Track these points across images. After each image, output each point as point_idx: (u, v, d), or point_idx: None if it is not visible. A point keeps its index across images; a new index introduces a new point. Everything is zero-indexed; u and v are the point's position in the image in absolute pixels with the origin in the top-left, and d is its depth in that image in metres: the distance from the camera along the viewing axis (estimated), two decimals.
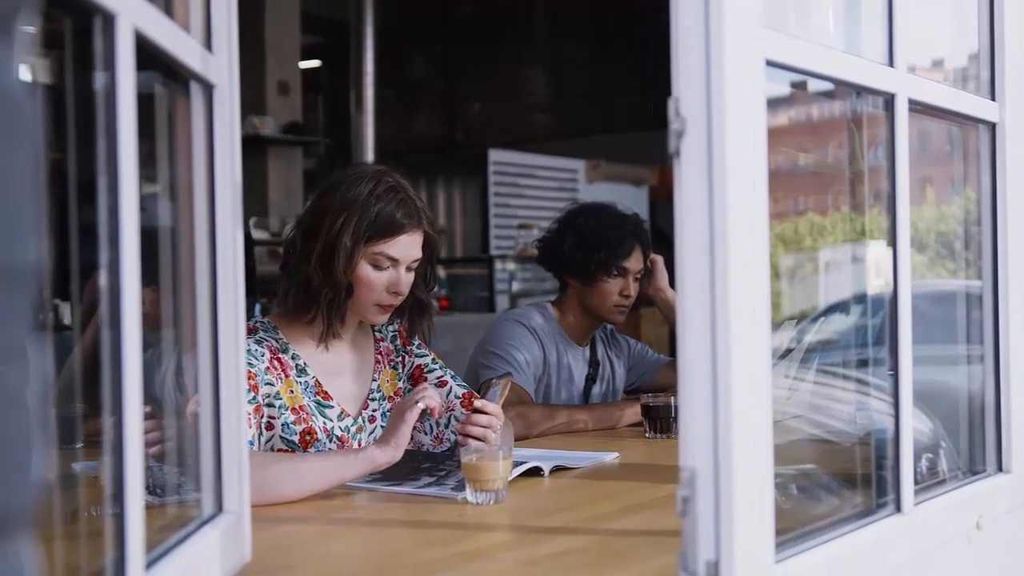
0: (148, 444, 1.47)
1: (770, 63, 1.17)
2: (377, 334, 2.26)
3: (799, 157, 1.69)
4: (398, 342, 2.27)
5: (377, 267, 2.06)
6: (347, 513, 1.78)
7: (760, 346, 1.14)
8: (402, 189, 2.07)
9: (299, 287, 2.06)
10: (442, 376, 2.25)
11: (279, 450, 2.02)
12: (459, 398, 2.22)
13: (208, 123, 1.28)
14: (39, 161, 0.55)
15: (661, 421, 2.54)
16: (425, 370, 2.25)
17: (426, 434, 2.22)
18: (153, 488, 1.26)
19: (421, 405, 1.88)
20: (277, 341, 2.09)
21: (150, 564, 1.03)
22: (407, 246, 2.07)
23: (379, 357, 2.23)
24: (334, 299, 2.05)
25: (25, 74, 0.54)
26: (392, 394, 2.22)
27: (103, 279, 0.94)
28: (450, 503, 1.78)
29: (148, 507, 1.00)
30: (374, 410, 2.18)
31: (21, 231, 0.52)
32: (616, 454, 2.26)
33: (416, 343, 2.29)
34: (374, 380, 2.20)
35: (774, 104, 1.19)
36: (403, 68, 9.18)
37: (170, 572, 1.06)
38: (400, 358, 2.26)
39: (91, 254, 0.96)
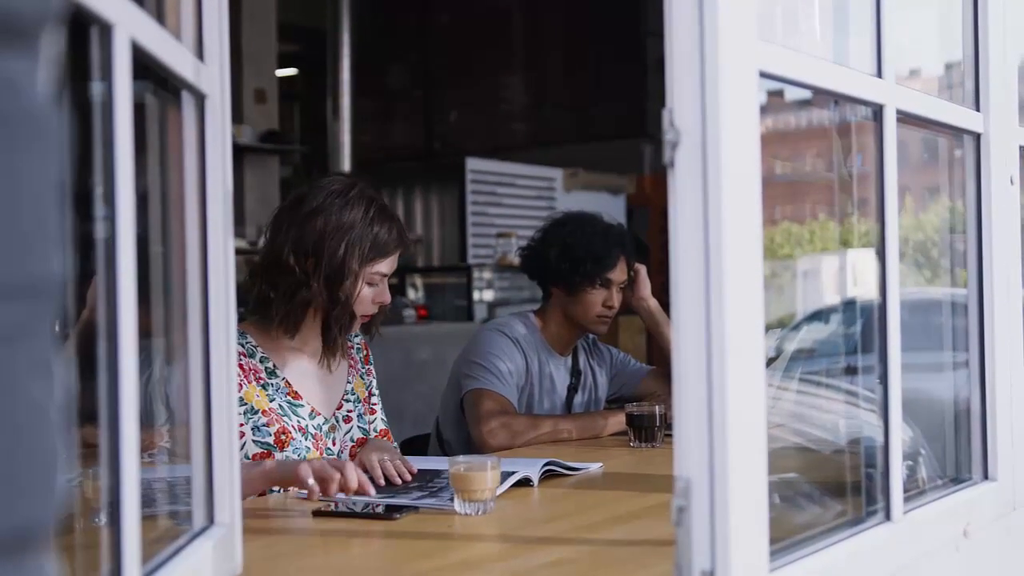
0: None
1: (764, 74, 1.17)
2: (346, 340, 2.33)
3: (776, 166, 1.70)
4: (361, 355, 2.36)
5: (371, 284, 2.17)
6: (338, 525, 1.77)
7: (755, 355, 1.14)
8: (387, 209, 2.20)
9: (295, 304, 2.11)
10: (375, 405, 2.37)
11: (253, 455, 2.06)
12: (377, 432, 2.33)
13: (200, 133, 1.27)
14: (64, 176, 0.54)
15: (646, 430, 2.54)
16: (371, 393, 2.36)
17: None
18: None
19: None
20: (243, 346, 2.14)
21: None
22: (395, 261, 2.21)
23: (352, 362, 2.32)
24: (342, 319, 2.13)
25: (49, 88, 0.54)
26: (362, 399, 2.31)
27: (100, 290, 0.93)
28: (439, 514, 1.77)
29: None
30: (349, 410, 2.26)
31: (48, 245, 0.51)
32: (600, 464, 2.26)
33: (370, 365, 2.38)
34: (348, 382, 2.29)
35: None
36: (380, 76, 9.17)
37: None
38: (365, 369, 2.37)
39: (81, 264, 0.95)
